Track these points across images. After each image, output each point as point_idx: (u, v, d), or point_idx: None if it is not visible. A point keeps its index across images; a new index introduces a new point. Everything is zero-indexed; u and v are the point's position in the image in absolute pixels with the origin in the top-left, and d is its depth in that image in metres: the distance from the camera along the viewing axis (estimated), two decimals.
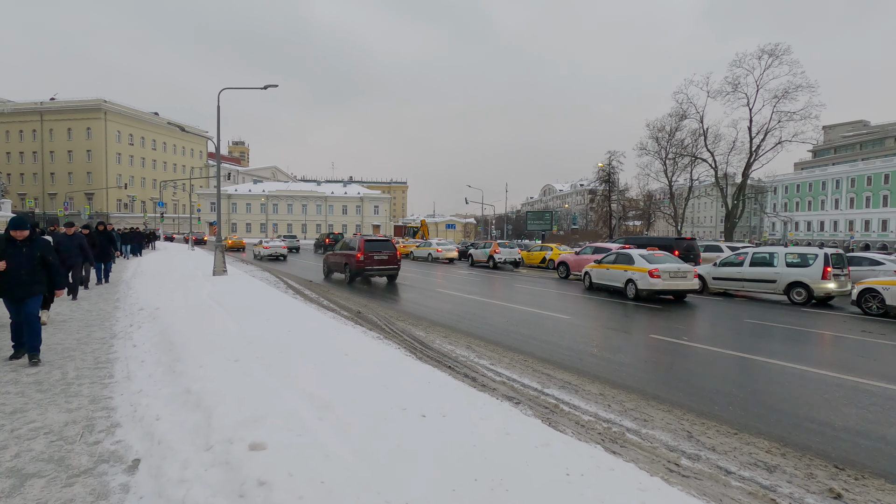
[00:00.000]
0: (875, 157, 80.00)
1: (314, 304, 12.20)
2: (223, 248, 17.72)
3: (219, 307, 9.68)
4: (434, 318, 10.68)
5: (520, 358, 7.27)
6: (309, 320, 8.97)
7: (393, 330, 9.21)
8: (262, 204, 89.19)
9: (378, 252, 17.90)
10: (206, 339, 6.54)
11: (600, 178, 57.18)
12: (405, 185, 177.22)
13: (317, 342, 6.78)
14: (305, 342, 6.74)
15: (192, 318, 8.15)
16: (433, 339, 8.53)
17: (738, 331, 9.88)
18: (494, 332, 9.23)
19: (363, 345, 6.94)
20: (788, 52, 33.71)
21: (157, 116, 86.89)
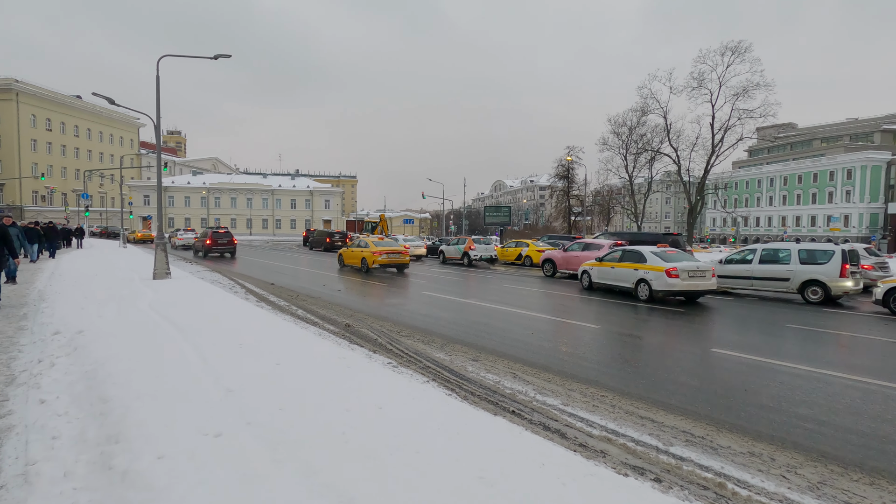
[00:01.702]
0: (804, 157, 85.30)
1: (288, 315, 9.98)
2: (164, 246, 14.93)
3: (169, 325, 7.34)
4: (442, 332, 8.81)
5: (593, 392, 5.56)
6: (294, 341, 6.89)
7: (403, 351, 7.26)
8: (202, 197, 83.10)
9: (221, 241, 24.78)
10: (159, 386, 4.37)
11: (559, 173, 56.94)
12: (354, 179, 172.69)
13: (325, 384, 4.78)
14: (309, 384, 4.72)
15: (133, 347, 5.85)
16: (462, 363, 6.67)
17: (803, 340, 8.73)
18: (528, 350, 7.50)
19: (390, 386, 4.99)
20: (750, 49, 34.28)
21: (79, 100, 78.54)
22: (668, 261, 12.39)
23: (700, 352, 7.64)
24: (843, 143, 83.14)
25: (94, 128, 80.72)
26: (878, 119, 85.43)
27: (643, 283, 12.60)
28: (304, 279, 17.89)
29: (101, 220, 73.05)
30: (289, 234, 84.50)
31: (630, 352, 7.56)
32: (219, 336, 6.83)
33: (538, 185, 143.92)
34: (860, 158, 72.06)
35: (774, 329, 9.68)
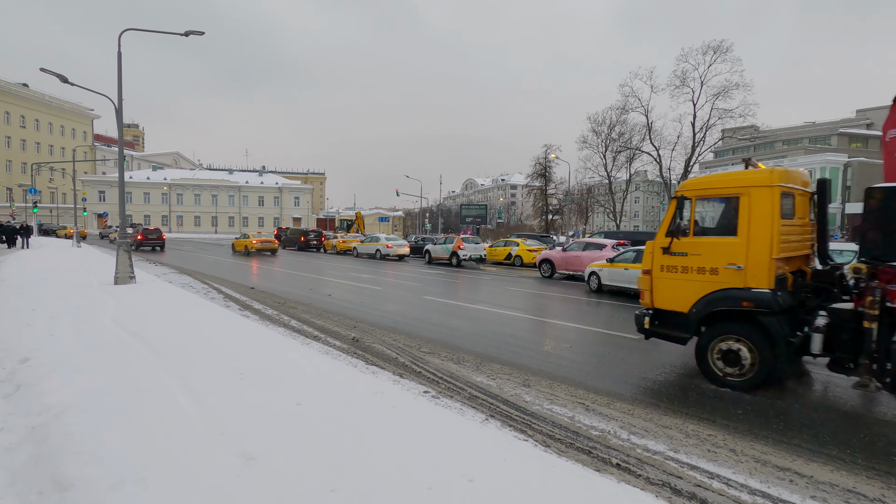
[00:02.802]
0: (768, 158, 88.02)
1: (282, 327, 8.58)
2: (128, 247, 13.16)
3: (142, 347, 5.89)
4: (467, 346, 7.64)
5: (695, 429, 4.49)
6: (303, 364, 5.58)
7: (436, 375, 6.05)
8: (163, 193, 78.91)
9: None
10: (145, 457, 3.03)
11: (536, 171, 56.46)
12: (323, 176, 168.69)
13: (376, 437, 3.53)
14: (355, 440, 3.46)
15: (98, 384, 4.42)
16: (513, 390, 5.51)
17: None
18: (580, 370, 6.41)
19: (455, 434, 3.79)
20: (731, 49, 34.46)
21: (26, 88, 73.07)
22: None
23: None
24: (803, 145, 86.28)
25: (43, 118, 75.32)
26: (835, 123, 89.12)
27: None
28: (285, 282, 16.35)
29: (52, 216, 68.20)
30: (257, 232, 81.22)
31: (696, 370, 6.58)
32: (208, 361, 5.45)
33: (509, 183, 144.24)
34: (819, 160, 74.71)
35: None
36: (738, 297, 5.63)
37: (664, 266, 6.33)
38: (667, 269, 6.30)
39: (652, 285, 6.46)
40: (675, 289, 6.20)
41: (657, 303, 6.43)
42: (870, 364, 4.88)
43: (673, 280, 6.23)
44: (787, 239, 5.74)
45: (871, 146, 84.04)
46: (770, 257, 5.48)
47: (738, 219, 5.73)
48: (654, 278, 6.44)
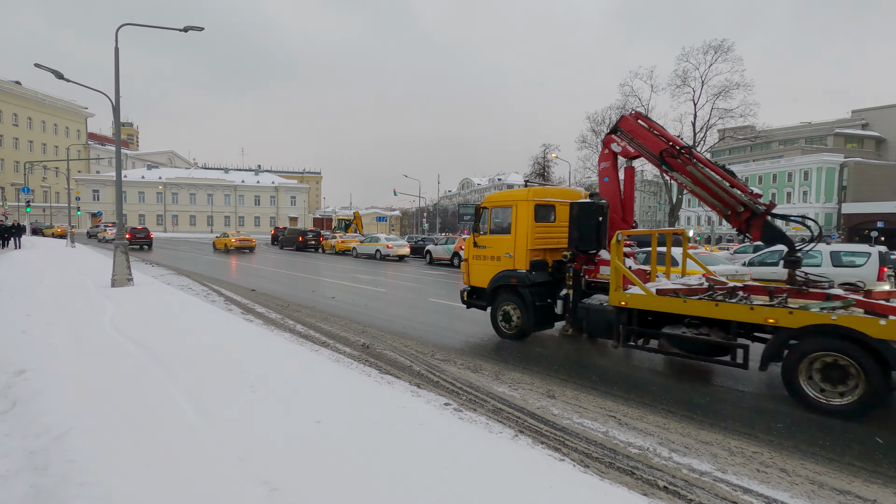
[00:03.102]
0: (764, 158, 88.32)
1: (288, 333, 8.28)
2: (125, 248, 12.81)
3: (145, 356, 5.59)
4: (483, 353, 7.36)
5: (739, 446, 4.23)
6: (317, 374, 5.29)
7: (455, 385, 5.76)
8: (158, 193, 78.17)
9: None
10: (159, 490, 2.73)
11: (535, 171, 56.27)
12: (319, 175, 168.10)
13: (409, 461, 3.25)
14: (386, 464, 3.18)
15: (101, 399, 4.11)
16: (538, 402, 5.23)
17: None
18: (605, 380, 6.15)
19: (490, 454, 3.52)
20: (732, 49, 34.30)
21: (19, 86, 72.23)
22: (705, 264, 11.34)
23: None
24: (800, 145, 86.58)
25: (36, 117, 74.47)
26: (831, 123, 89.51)
27: None
28: (286, 283, 16.02)
29: (45, 216, 67.41)
30: (253, 231, 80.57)
31: (723, 377, 6.32)
32: (216, 371, 5.15)
33: (506, 183, 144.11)
34: (816, 160, 75.01)
35: None
36: (509, 276, 8.02)
37: (474, 256, 8.73)
38: (475, 258, 8.73)
39: (468, 270, 8.88)
40: (480, 271, 8.63)
41: (471, 282, 8.86)
42: (570, 317, 7.48)
43: (478, 265, 8.67)
44: (543, 236, 8.01)
45: (866, 146, 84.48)
46: (527, 248, 7.85)
47: (510, 222, 8.08)
48: (469, 265, 8.87)
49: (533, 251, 7.91)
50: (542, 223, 8.03)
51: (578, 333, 7.72)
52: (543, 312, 7.87)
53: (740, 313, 5.51)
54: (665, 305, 6.11)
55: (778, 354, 5.32)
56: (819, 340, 4.99)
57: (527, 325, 7.83)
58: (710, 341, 5.84)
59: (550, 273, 8.03)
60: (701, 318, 5.93)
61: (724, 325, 5.77)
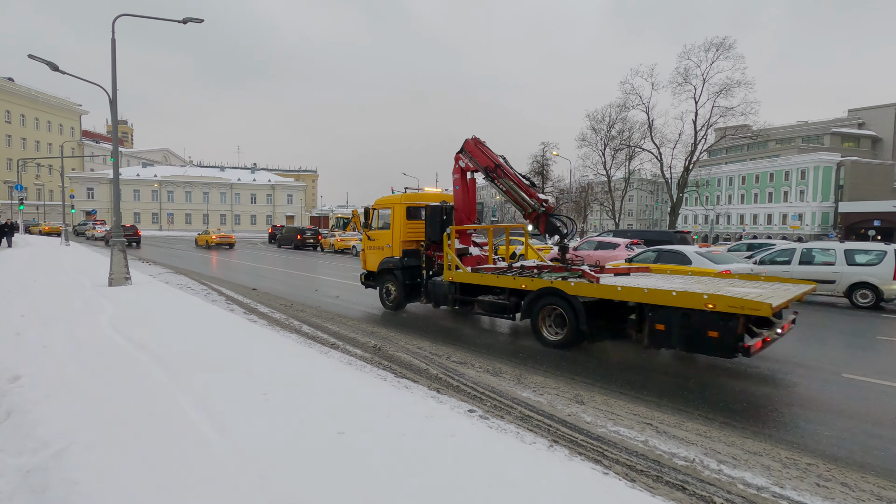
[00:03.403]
0: (761, 157, 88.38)
1: (294, 334, 7.96)
2: (123, 246, 12.42)
3: (147, 359, 5.26)
4: (499, 356, 7.07)
5: (786, 456, 3.95)
6: (332, 379, 4.98)
7: (476, 390, 5.46)
8: (153, 191, 77.42)
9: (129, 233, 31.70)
10: None
11: (534, 169, 55.97)
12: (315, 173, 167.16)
13: (442, 478, 2.95)
14: (420, 480, 2.88)
15: (103, 409, 3.79)
16: (567, 408, 4.94)
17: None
18: (630, 384, 5.86)
19: (532, 472, 3.22)
20: (733, 46, 34.11)
21: (11, 83, 71.28)
22: (718, 263, 11.09)
23: (848, 380, 6.23)
24: (797, 144, 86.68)
25: (29, 114, 73.54)
26: (827, 122, 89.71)
27: None
28: (287, 283, 15.67)
29: (39, 214, 66.61)
30: (249, 230, 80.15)
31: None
32: (224, 377, 4.83)
33: None
34: (813, 160, 75.10)
35: (866, 342, 8.50)
36: (389, 262, 10.21)
37: (367, 246, 11.04)
38: (368, 248, 11.05)
39: (364, 258, 11.22)
40: (372, 258, 10.82)
41: (366, 267, 11.13)
42: (424, 291, 9.60)
43: (370, 253, 10.91)
44: (413, 231, 10.12)
45: (862, 145, 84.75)
46: (400, 240, 10.09)
47: (390, 220, 10.35)
48: (365, 254, 11.21)
49: (405, 242, 10.13)
50: (413, 220, 10.22)
51: (431, 303, 9.71)
52: (412, 289, 10.00)
53: (509, 282, 7.92)
54: (472, 279, 8.55)
55: (529, 309, 7.69)
56: (546, 298, 7.39)
57: (401, 299, 10.15)
58: (500, 303, 8.20)
59: (420, 259, 9.87)
60: (494, 287, 8.29)
61: (511, 293, 8.01)
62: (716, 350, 5.80)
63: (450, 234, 8.94)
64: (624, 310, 6.79)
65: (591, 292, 6.88)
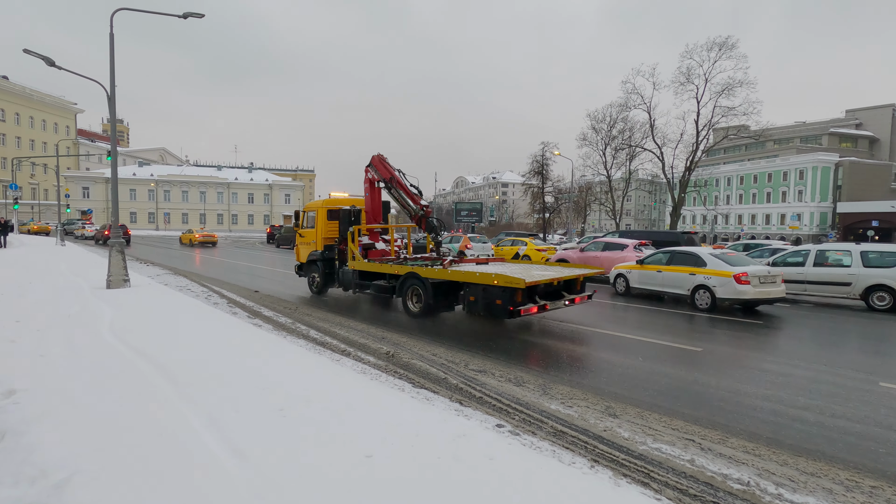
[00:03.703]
0: (759, 157, 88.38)
1: (302, 339, 7.64)
2: (122, 246, 12.05)
3: (151, 369, 4.94)
4: (518, 363, 6.77)
5: (873, 488, 3.67)
6: (349, 390, 4.67)
7: (501, 401, 5.15)
8: (150, 190, 76.82)
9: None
10: None
11: (533, 169, 55.69)
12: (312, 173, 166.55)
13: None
14: None
15: (108, 433, 3.46)
16: (601, 423, 4.64)
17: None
18: (663, 394, 5.57)
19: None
20: (736, 46, 33.91)
21: (6, 81, 70.51)
22: (734, 264, 10.83)
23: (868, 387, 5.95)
24: (795, 144, 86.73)
25: (24, 112, 72.78)
26: (825, 123, 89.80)
27: (703, 290, 11.00)
28: (289, 284, 15.28)
29: (33, 213, 65.92)
30: (246, 229, 79.64)
31: (785, 386, 5.77)
32: (235, 389, 4.51)
33: (501, 181, 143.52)
34: (811, 160, 75.15)
35: (892, 348, 8.24)
36: (313, 255, 12.47)
37: (299, 242, 13.42)
38: (300, 244, 13.31)
39: (297, 252, 13.57)
40: (303, 252, 13.15)
41: (299, 259, 13.49)
42: (337, 278, 11.87)
43: (302, 248, 13.23)
44: (333, 229, 12.20)
45: (860, 146, 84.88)
46: (322, 237, 12.22)
47: (314, 222, 12.62)
48: (298, 247, 13.52)
49: (326, 239, 12.33)
50: (332, 221, 12.34)
51: (341, 287, 12.06)
52: (330, 276, 12.31)
53: (388, 269, 10.22)
54: (366, 267, 10.92)
55: (400, 289, 9.90)
56: (410, 280, 9.69)
57: (322, 285, 12.47)
58: (386, 286, 10.39)
59: (334, 252, 12.12)
60: (382, 273, 10.52)
61: (391, 277, 10.29)
62: (501, 313, 8.21)
63: (353, 233, 11.25)
64: (456, 287, 9.17)
65: (436, 275, 9.26)
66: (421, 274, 9.41)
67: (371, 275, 10.86)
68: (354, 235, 11.22)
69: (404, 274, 9.75)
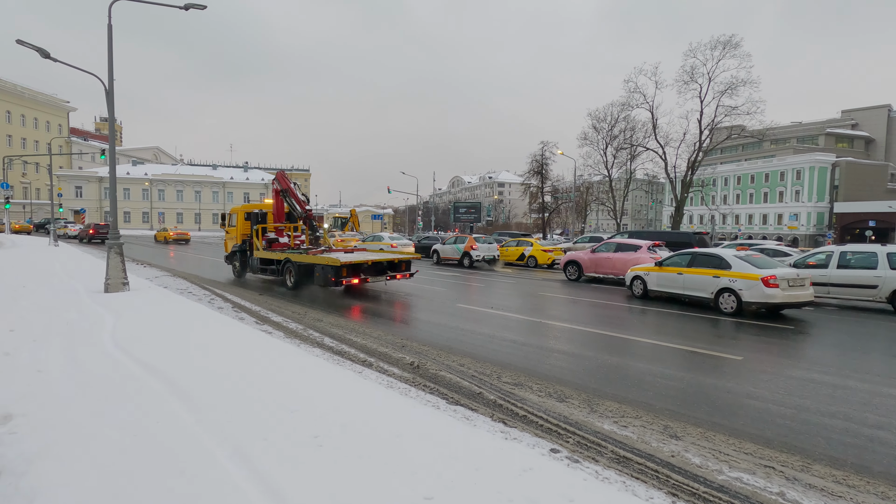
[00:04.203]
0: (756, 157, 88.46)
1: (317, 348, 7.15)
2: (120, 248, 11.50)
3: (165, 390, 4.45)
4: (554, 374, 6.32)
5: None
6: (380, 408, 4.22)
7: (547, 421, 4.70)
8: (144, 189, 75.83)
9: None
10: None
11: (533, 169, 55.35)
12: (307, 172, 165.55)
13: None
14: None
15: (121, 470, 2.97)
16: (665, 446, 4.19)
17: None
18: (720, 412, 5.14)
19: None
20: (740, 45, 33.64)
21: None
22: (761, 267, 10.44)
23: None
24: (792, 145, 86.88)
25: (15, 110, 71.57)
26: (822, 123, 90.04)
27: (728, 294, 10.60)
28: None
29: (25, 213, 64.85)
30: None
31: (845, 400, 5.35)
32: (259, 412, 4.03)
33: (497, 181, 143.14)
34: (808, 160, 75.29)
35: None
36: (235, 247, 16.34)
37: (227, 237, 17.31)
38: (227, 238, 17.24)
39: (225, 245, 17.52)
40: (229, 245, 17.02)
41: (226, 251, 17.32)
42: (248, 265, 15.93)
43: (229, 241, 17.15)
44: (247, 227, 15.93)
45: (856, 146, 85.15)
46: (240, 233, 16.23)
47: (236, 222, 16.47)
48: (226, 241, 17.48)
49: (243, 234, 16.19)
50: (248, 221, 16.16)
51: (250, 272, 15.98)
52: (245, 264, 16.08)
53: (275, 256, 14.08)
54: (264, 255, 14.68)
55: (281, 271, 13.68)
56: (287, 263, 13.45)
57: (240, 271, 16.41)
58: (276, 269, 14.15)
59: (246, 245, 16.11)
60: (274, 259, 14.36)
61: (278, 262, 14.03)
62: (332, 284, 11.98)
63: (257, 230, 15.37)
64: (312, 268, 12.83)
65: (301, 259, 13.24)
66: (293, 259, 13.53)
67: (268, 261, 14.74)
68: (258, 232, 15.31)
69: (283, 259, 13.88)
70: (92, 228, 38.87)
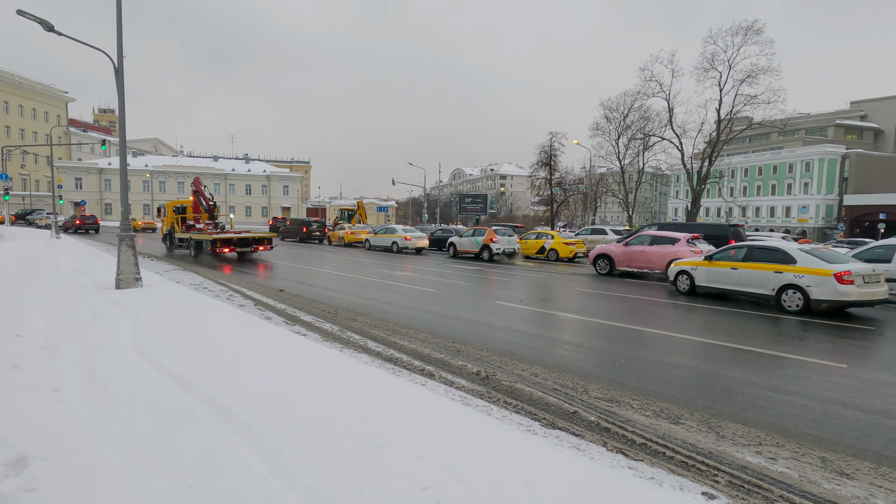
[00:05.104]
0: (764, 149, 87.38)
1: (364, 353, 6.31)
2: (132, 241, 10.62)
3: (206, 414, 3.59)
4: (645, 386, 5.48)
5: None
6: (468, 439, 3.38)
7: (684, 453, 3.86)
8: (144, 181, 74.75)
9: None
10: None
11: (541, 160, 54.31)
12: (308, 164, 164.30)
13: None
14: None
15: None
16: (840, 488, 3.37)
17: None
18: (825, 425, 4.32)
19: None
20: (762, 31, 32.54)
21: None
22: (831, 261, 9.59)
23: None
24: (800, 136, 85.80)
25: (13, 101, 70.31)
26: (830, 114, 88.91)
27: (792, 290, 9.76)
28: (311, 281, 13.96)
29: (24, 204, 63.81)
30: (244, 221, 77.78)
31: None
32: (333, 442, 3.19)
33: (499, 173, 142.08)
34: (817, 152, 74.33)
35: None
36: (167, 231, 23.12)
37: (163, 224, 24.15)
38: (163, 224, 24.07)
39: (161, 229, 25.44)
40: (164, 229, 23.70)
41: (162, 233, 24.62)
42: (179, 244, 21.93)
43: (164, 227, 23.67)
44: (174, 218, 22.30)
45: (865, 138, 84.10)
46: (171, 221, 22.38)
47: (167, 213, 22.88)
48: (162, 227, 24.83)
49: (171, 222, 21.89)
50: (174, 213, 21.96)
51: (177, 249, 21.87)
52: (172, 242, 21.90)
53: (185, 235, 21.13)
54: (182, 235, 21.23)
55: (189, 245, 20.85)
56: (190, 240, 20.72)
57: (170, 247, 22.28)
58: (186, 246, 21.11)
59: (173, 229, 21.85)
60: (188, 238, 20.79)
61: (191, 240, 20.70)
62: (209, 252, 19.72)
63: (177, 219, 21.59)
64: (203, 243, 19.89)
65: (198, 237, 19.95)
66: (193, 237, 20.13)
67: (183, 239, 20.99)
68: (179, 220, 21.75)
69: (188, 237, 20.50)
70: (78, 219, 40.22)
